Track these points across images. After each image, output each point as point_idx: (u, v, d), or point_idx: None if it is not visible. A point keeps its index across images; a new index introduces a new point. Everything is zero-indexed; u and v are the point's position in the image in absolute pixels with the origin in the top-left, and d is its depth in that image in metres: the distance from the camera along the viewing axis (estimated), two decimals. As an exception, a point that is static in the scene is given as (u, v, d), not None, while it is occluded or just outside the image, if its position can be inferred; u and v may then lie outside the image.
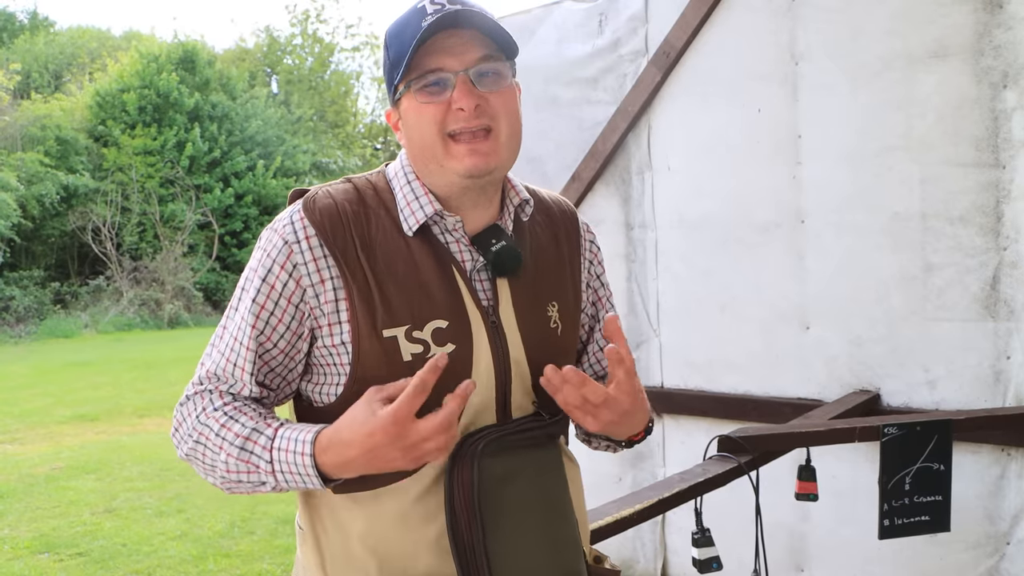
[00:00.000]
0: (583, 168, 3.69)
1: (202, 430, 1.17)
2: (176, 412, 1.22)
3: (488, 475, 1.16)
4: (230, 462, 1.14)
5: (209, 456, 1.16)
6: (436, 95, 1.17)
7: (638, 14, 3.53)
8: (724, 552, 2.20)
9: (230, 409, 1.17)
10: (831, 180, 3.04)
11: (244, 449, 1.13)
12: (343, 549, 1.21)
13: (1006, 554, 2.76)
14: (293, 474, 1.11)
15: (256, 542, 5.00)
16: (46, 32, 30.87)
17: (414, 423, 1.06)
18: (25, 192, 19.63)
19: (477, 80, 1.17)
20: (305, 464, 1.10)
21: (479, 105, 1.16)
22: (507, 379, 1.22)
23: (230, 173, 23.67)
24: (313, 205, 1.19)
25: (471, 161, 1.17)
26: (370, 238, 1.19)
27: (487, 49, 1.18)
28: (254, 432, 1.14)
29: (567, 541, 1.25)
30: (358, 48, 33.62)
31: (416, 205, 1.21)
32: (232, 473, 1.15)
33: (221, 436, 1.15)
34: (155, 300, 20.79)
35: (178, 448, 1.22)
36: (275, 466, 1.12)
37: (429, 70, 1.16)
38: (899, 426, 2.35)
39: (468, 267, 1.22)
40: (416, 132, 1.20)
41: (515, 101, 1.23)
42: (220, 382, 1.20)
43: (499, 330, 1.22)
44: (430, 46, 1.16)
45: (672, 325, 3.54)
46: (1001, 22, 2.68)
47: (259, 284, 1.18)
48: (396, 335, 1.16)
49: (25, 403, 10.08)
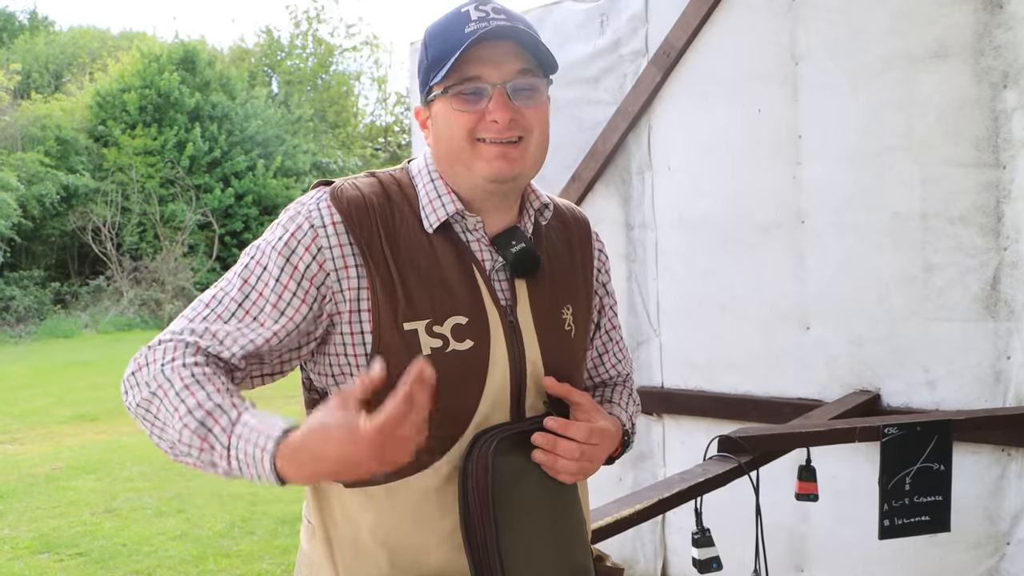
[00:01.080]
0: (583, 168, 3.69)
1: (162, 382, 1.10)
2: (139, 354, 1.15)
3: (502, 473, 1.16)
4: (184, 433, 1.07)
5: (162, 415, 1.09)
6: (472, 104, 1.18)
7: (638, 14, 3.53)
8: (724, 552, 2.20)
9: (199, 372, 1.10)
10: (831, 180, 3.04)
11: (203, 424, 1.07)
12: (353, 542, 1.21)
13: (1006, 554, 2.76)
14: (248, 467, 1.05)
15: (256, 542, 5.00)
16: (46, 32, 30.87)
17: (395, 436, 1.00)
18: (25, 192, 19.62)
19: (513, 94, 1.18)
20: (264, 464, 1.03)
21: (513, 119, 1.18)
22: (522, 378, 1.23)
23: (230, 173, 23.66)
24: (340, 194, 1.20)
25: (498, 165, 1.18)
26: (394, 231, 1.20)
27: (526, 63, 1.20)
28: (217, 409, 1.07)
29: (576, 539, 1.26)
30: (357, 48, 33.62)
31: (439, 203, 1.22)
32: (183, 444, 1.08)
33: (181, 398, 1.08)
34: (155, 300, 20.78)
35: (126, 395, 1.14)
36: (231, 452, 1.05)
37: (467, 78, 1.17)
38: (899, 426, 2.35)
39: (488, 267, 1.24)
40: (446, 134, 1.21)
41: (547, 116, 1.25)
42: (202, 338, 1.14)
43: (516, 330, 1.23)
44: (471, 54, 1.16)
45: (672, 325, 3.54)
46: (1001, 22, 2.68)
47: (283, 264, 1.17)
48: (416, 328, 1.17)
49: (25, 403, 10.08)
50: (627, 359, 1.54)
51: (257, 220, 23.83)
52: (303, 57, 32.37)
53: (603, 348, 1.49)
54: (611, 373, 1.51)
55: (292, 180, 24.70)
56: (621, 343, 1.52)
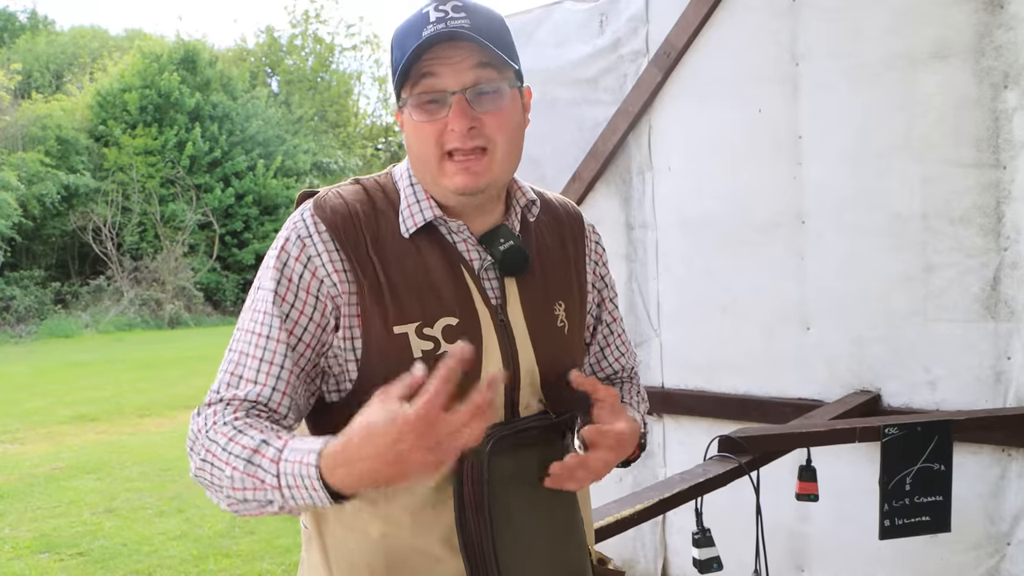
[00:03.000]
0: (583, 168, 3.69)
1: (209, 446, 1.09)
2: (191, 424, 1.15)
3: (498, 474, 1.16)
4: (235, 477, 1.05)
5: (216, 474, 1.08)
6: (433, 114, 1.16)
7: (638, 14, 3.53)
8: (724, 552, 2.20)
9: (240, 423, 1.09)
10: (832, 180, 3.04)
11: (251, 463, 1.04)
12: (349, 548, 1.21)
13: (1007, 554, 2.76)
14: (299, 488, 1.01)
15: (256, 542, 5.00)
16: (47, 32, 30.88)
17: (444, 417, 0.96)
18: (26, 192, 19.64)
19: (474, 100, 1.16)
20: (311, 478, 0.99)
21: (473, 128, 1.16)
22: (515, 377, 1.22)
23: (231, 173, 23.67)
24: (324, 204, 1.20)
25: (462, 180, 1.17)
26: (380, 236, 1.20)
27: (486, 62, 1.16)
28: (262, 444, 1.05)
29: (574, 541, 1.26)
30: (357, 47, 33.62)
31: (416, 208, 1.22)
32: (238, 491, 1.06)
33: (228, 451, 1.06)
34: (156, 300, 20.79)
35: (191, 462, 1.14)
36: (280, 480, 1.02)
37: (426, 88, 1.16)
38: (900, 426, 2.35)
39: (476, 266, 1.23)
40: (414, 145, 1.20)
41: (514, 118, 1.21)
42: (239, 386, 1.14)
43: (507, 328, 1.23)
44: (429, 57, 1.15)
45: (672, 325, 3.54)
46: (1002, 22, 2.68)
47: (278, 278, 1.17)
48: (407, 332, 1.16)
49: (26, 403, 10.08)
50: (630, 352, 1.52)
51: (257, 220, 23.84)
52: (303, 57, 32.37)
53: (604, 342, 1.48)
54: (615, 367, 1.50)
55: (292, 180, 24.70)
56: (623, 336, 1.51)
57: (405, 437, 0.95)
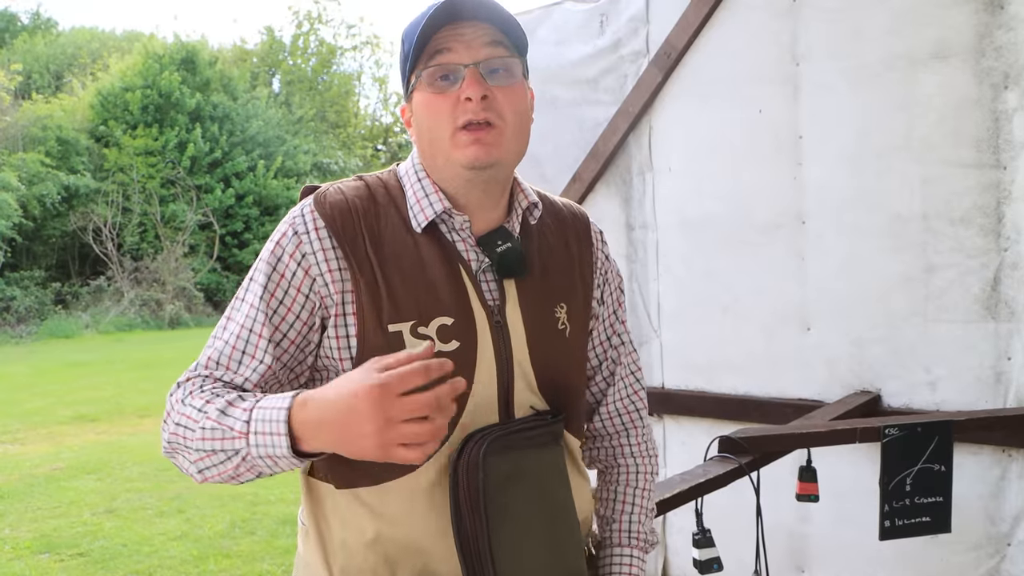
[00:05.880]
0: (584, 169, 3.69)
1: (184, 410, 1.10)
2: (167, 400, 1.17)
3: (494, 475, 1.16)
4: (207, 427, 1.06)
5: (188, 435, 1.09)
6: (447, 88, 1.17)
7: (639, 15, 3.53)
8: (725, 553, 2.20)
9: (219, 390, 1.11)
10: (832, 181, 3.04)
11: (224, 413, 1.06)
12: (347, 544, 1.21)
13: (1007, 555, 2.76)
14: (265, 433, 1.02)
15: (257, 542, 5.00)
16: (47, 32, 30.90)
17: (402, 398, 0.95)
18: (26, 192, 19.64)
19: (487, 75, 1.17)
20: (278, 419, 1.01)
21: (486, 96, 1.16)
22: (510, 378, 1.22)
23: (231, 173, 23.68)
24: (324, 199, 1.21)
25: (473, 151, 1.17)
26: (379, 234, 1.20)
27: (498, 41, 1.19)
28: (239, 399, 1.08)
29: (571, 541, 1.25)
30: (357, 47, 33.63)
31: (426, 202, 1.22)
32: (207, 441, 1.07)
33: (203, 411, 1.08)
34: (156, 300, 20.79)
35: (162, 436, 1.15)
36: (251, 426, 1.04)
37: (440, 63, 1.17)
38: (900, 427, 2.35)
39: (474, 267, 1.23)
40: (426, 123, 1.20)
41: (524, 100, 1.23)
42: (218, 369, 1.16)
43: (503, 329, 1.22)
44: (441, 36, 1.17)
45: (673, 326, 3.54)
46: (1002, 23, 2.68)
47: (269, 272, 1.18)
48: (401, 330, 1.16)
49: (26, 403, 10.08)
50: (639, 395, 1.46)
51: (258, 220, 23.84)
52: (304, 57, 32.38)
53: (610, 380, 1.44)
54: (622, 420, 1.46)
55: (293, 180, 24.72)
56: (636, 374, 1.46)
57: (361, 401, 0.96)
